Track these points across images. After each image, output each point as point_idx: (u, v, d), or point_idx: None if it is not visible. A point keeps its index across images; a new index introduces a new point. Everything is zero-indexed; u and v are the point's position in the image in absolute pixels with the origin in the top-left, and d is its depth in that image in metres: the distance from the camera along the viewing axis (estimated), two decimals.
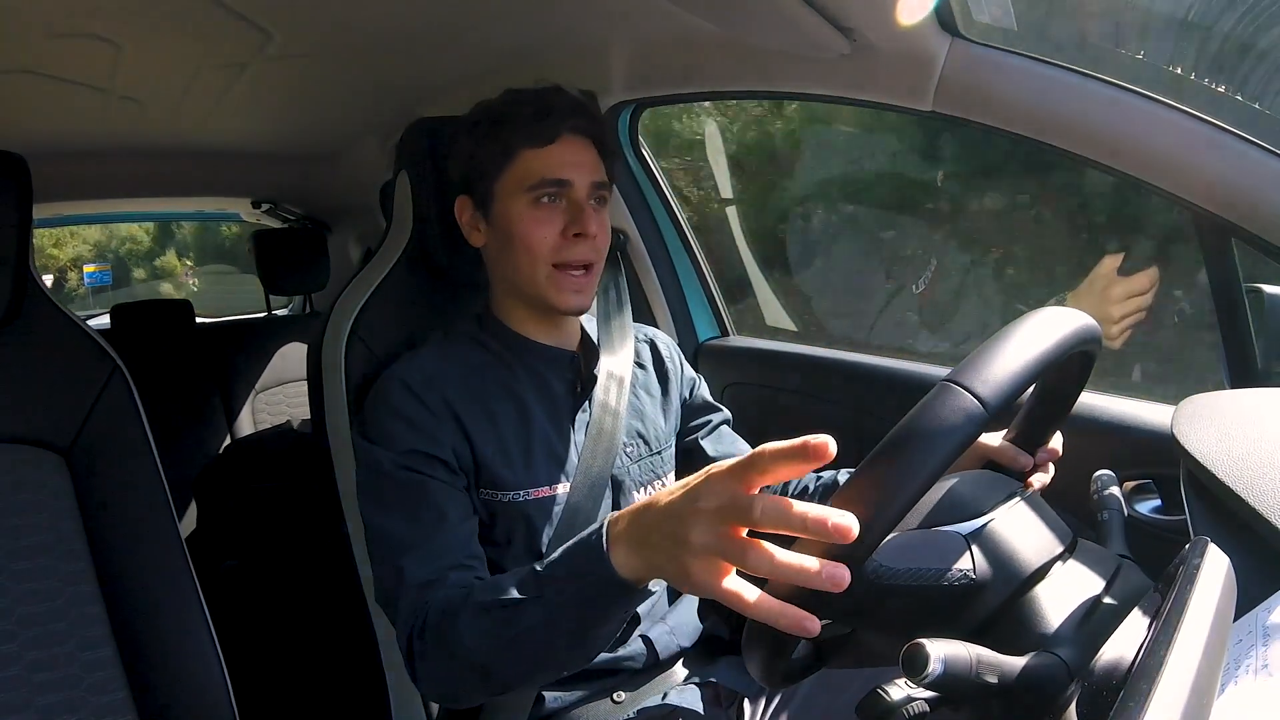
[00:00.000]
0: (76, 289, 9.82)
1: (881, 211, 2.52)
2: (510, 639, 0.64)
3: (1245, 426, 0.60)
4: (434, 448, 0.83)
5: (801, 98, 1.11)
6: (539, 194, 0.86)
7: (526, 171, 0.86)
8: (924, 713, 0.50)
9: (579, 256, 0.87)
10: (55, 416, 0.90)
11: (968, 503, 0.58)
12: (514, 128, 0.86)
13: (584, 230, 0.86)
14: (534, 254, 0.86)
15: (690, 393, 1.07)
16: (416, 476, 0.82)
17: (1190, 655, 0.37)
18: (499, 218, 0.89)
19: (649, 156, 1.46)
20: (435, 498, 0.81)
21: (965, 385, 0.49)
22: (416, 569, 0.76)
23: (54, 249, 11.39)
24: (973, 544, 0.55)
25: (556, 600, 0.61)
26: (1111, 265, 1.18)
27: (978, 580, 0.54)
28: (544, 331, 0.93)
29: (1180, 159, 0.80)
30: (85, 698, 0.85)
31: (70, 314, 0.94)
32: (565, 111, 0.87)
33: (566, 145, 0.87)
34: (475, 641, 0.66)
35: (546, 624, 0.62)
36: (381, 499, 0.82)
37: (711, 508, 0.48)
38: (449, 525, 0.80)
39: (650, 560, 0.54)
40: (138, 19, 1.05)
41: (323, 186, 2.30)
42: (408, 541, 0.79)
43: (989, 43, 0.89)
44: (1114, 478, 0.67)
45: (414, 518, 0.80)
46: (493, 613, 0.65)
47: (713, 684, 0.92)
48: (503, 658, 0.65)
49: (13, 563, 0.84)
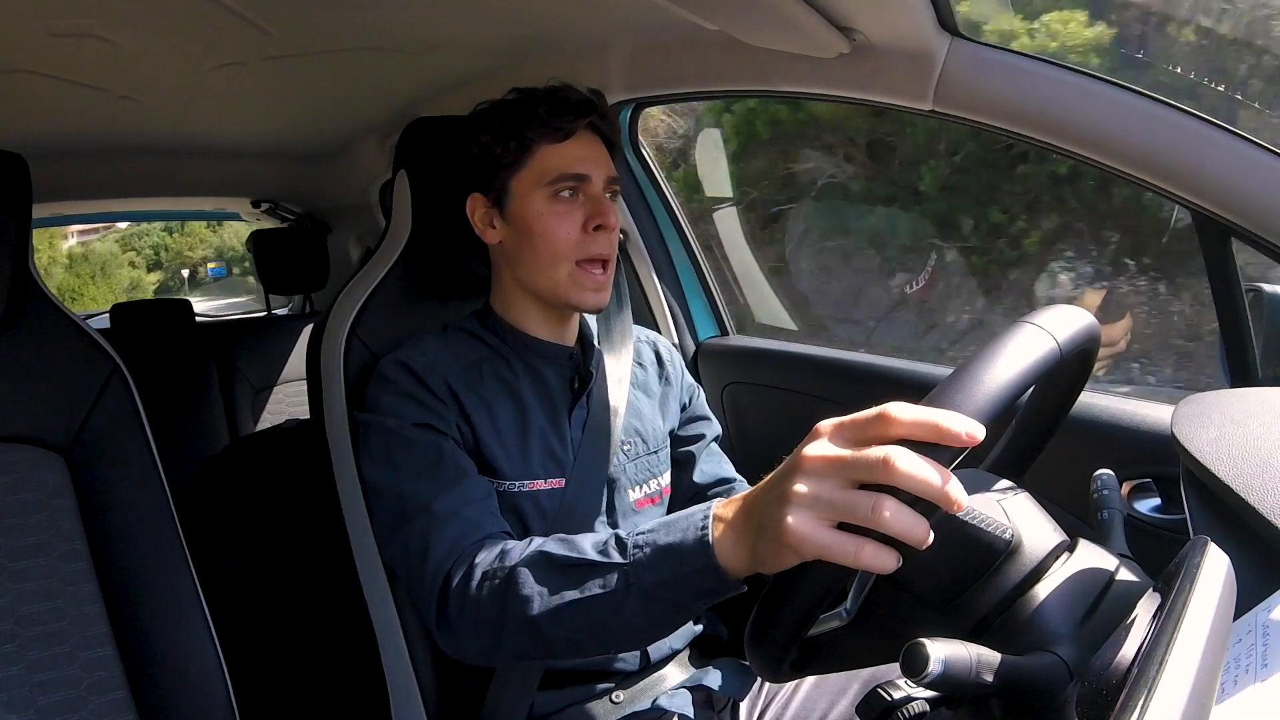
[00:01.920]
0: (204, 279, 15.10)
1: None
2: (575, 603, 0.60)
3: (1245, 426, 0.60)
4: (441, 424, 0.82)
5: (801, 98, 1.11)
6: (558, 188, 0.87)
7: (546, 167, 0.87)
8: (924, 713, 0.50)
9: (600, 249, 0.87)
10: (55, 416, 0.90)
11: (989, 477, 0.58)
12: (530, 124, 0.87)
13: (605, 222, 0.86)
14: (556, 250, 0.86)
15: (690, 399, 1.08)
16: (430, 436, 0.80)
17: (1190, 655, 0.37)
18: (516, 214, 0.89)
19: (649, 156, 1.46)
20: (453, 457, 0.79)
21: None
22: (448, 508, 0.72)
23: (189, 251, 16.49)
24: (1006, 508, 0.55)
25: (642, 576, 0.58)
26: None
27: (1013, 541, 0.53)
28: (545, 328, 0.93)
29: (1180, 159, 0.80)
30: (85, 698, 0.85)
31: (70, 314, 0.94)
32: (581, 107, 0.87)
33: (583, 141, 0.88)
34: (534, 596, 0.62)
35: (621, 598, 0.58)
36: (391, 460, 0.79)
37: (827, 457, 0.46)
38: (471, 479, 0.78)
39: (753, 544, 0.51)
40: (138, 19, 1.05)
41: (323, 186, 2.30)
42: (430, 491, 0.75)
43: (989, 43, 0.89)
44: (1114, 478, 0.67)
45: (433, 474, 0.77)
46: (564, 571, 0.61)
47: (705, 688, 0.92)
48: (560, 623, 0.61)
49: (13, 563, 0.84)
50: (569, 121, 0.86)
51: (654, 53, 1.20)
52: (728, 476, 1.04)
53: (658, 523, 0.59)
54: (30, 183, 0.89)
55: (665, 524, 0.58)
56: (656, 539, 0.58)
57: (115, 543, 0.89)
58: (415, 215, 1.03)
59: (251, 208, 2.67)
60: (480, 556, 0.68)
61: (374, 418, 0.83)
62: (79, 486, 0.89)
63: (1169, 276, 2.61)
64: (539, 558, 0.64)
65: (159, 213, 3.08)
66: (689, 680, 0.92)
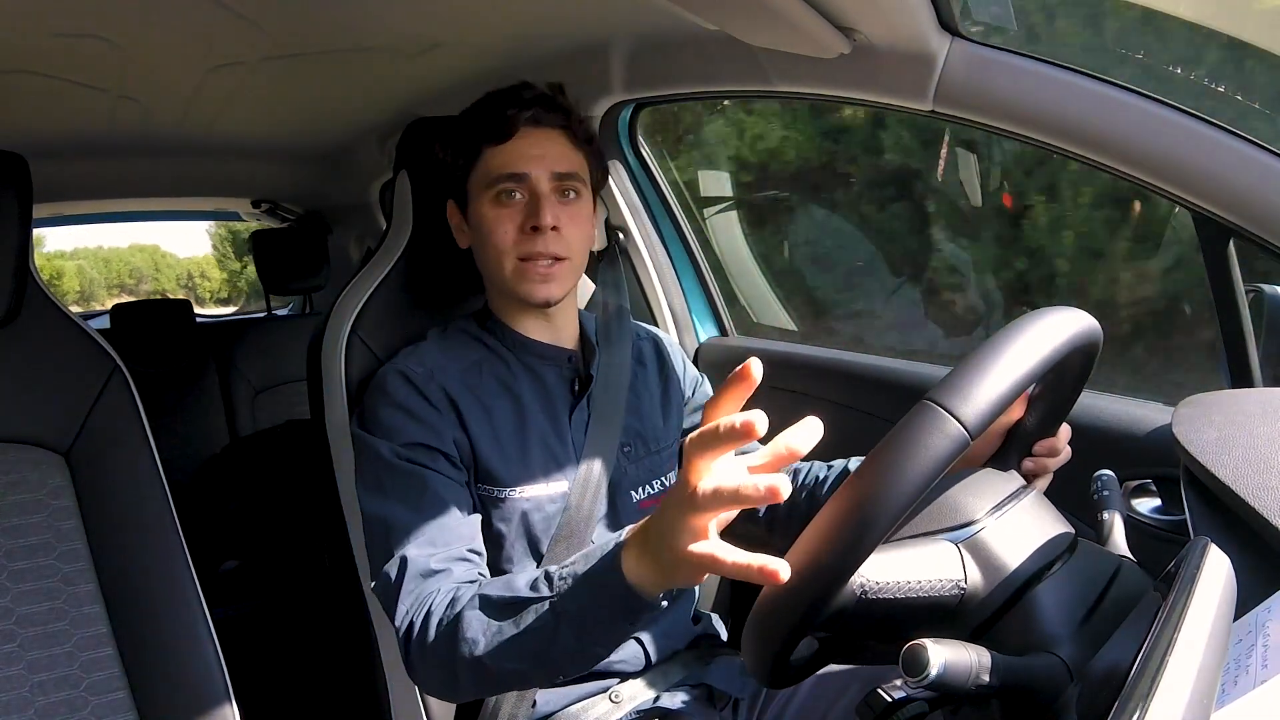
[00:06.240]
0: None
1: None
2: (514, 638, 0.64)
3: (1245, 426, 0.60)
4: (435, 440, 0.83)
5: (801, 98, 1.11)
6: (498, 190, 0.87)
7: (488, 169, 0.88)
8: (923, 713, 0.50)
9: (539, 250, 0.86)
10: (55, 416, 0.90)
11: (963, 507, 0.57)
12: (475, 127, 0.88)
13: (539, 223, 0.85)
14: (499, 250, 0.87)
15: (693, 392, 1.07)
16: (418, 468, 0.81)
17: (1190, 655, 0.37)
18: (472, 218, 0.90)
19: (649, 156, 1.46)
20: (437, 489, 0.81)
21: (944, 405, 0.48)
22: (419, 557, 0.76)
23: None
24: (965, 551, 0.55)
25: (566, 605, 0.62)
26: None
27: (968, 590, 0.54)
28: (542, 329, 0.93)
29: (1180, 159, 0.80)
30: (85, 698, 0.85)
31: (70, 314, 0.94)
32: (522, 104, 0.87)
33: (526, 138, 0.88)
34: (477, 635, 0.66)
35: (553, 628, 0.63)
36: (381, 488, 0.82)
37: (684, 478, 0.51)
38: (452, 516, 0.80)
39: (656, 561, 0.56)
40: (138, 19, 1.05)
41: (323, 186, 2.30)
42: (410, 529, 0.78)
43: (989, 43, 0.89)
44: (1114, 478, 0.67)
45: (415, 507, 0.79)
46: (501, 609, 0.66)
47: (707, 685, 0.92)
48: (504, 656, 0.65)
49: (13, 563, 0.85)
50: (509, 120, 0.87)
51: (654, 53, 1.20)
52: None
53: (579, 555, 0.64)
54: (30, 183, 0.89)
55: (586, 555, 0.63)
56: (577, 570, 0.63)
57: (115, 543, 0.89)
58: (416, 216, 1.03)
59: (251, 208, 2.67)
60: (435, 603, 0.72)
61: (368, 439, 0.84)
62: (79, 486, 0.89)
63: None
64: (480, 601, 0.68)
65: (159, 213, 3.07)
66: (690, 678, 0.92)
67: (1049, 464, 0.73)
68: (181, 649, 0.89)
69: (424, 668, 0.72)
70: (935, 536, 0.56)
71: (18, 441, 0.88)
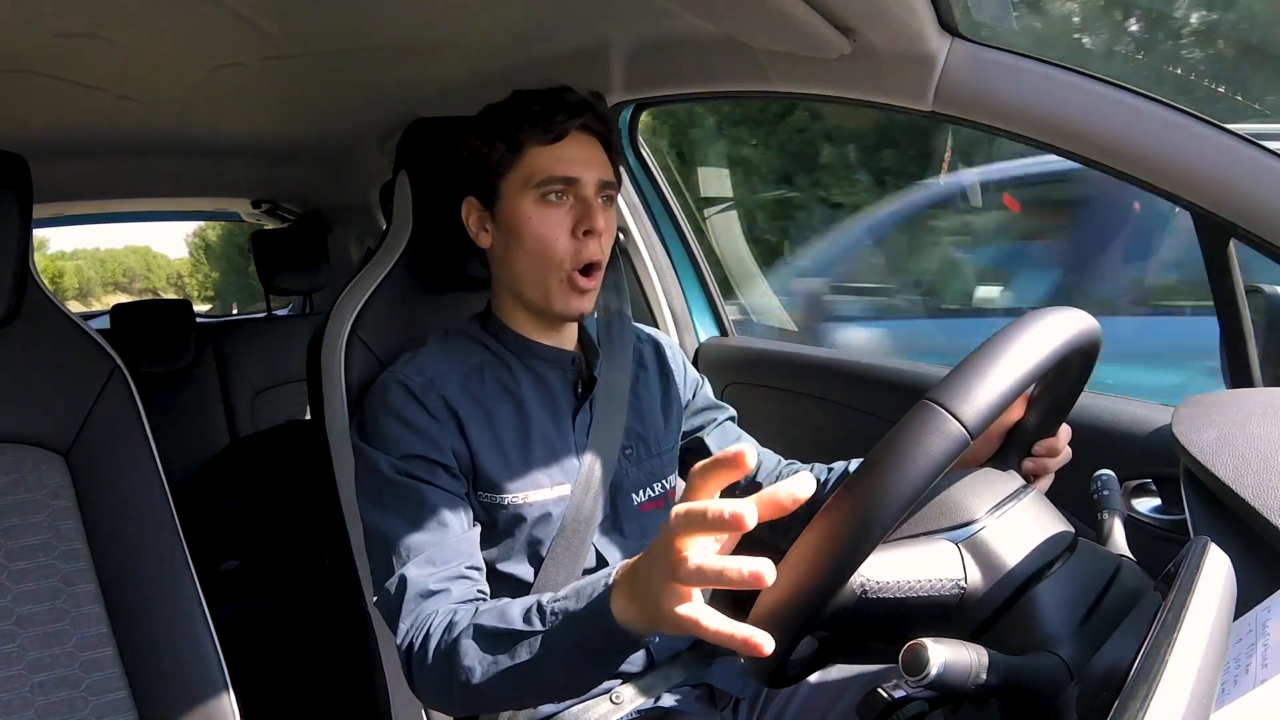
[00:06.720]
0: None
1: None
2: (508, 669, 0.66)
3: (1245, 426, 0.61)
4: (434, 452, 0.82)
5: (801, 98, 1.11)
6: (546, 190, 0.86)
7: (534, 168, 0.86)
8: (923, 712, 0.50)
9: (591, 255, 0.86)
10: (55, 416, 0.90)
11: (963, 507, 0.57)
12: (521, 124, 0.86)
13: (593, 226, 0.85)
14: (545, 254, 0.86)
15: (694, 394, 1.07)
16: (416, 482, 0.81)
17: (1190, 655, 0.37)
18: (505, 217, 0.88)
19: (648, 156, 1.46)
20: (435, 504, 0.81)
21: (945, 405, 0.49)
22: (418, 577, 0.77)
23: None
24: (965, 551, 0.55)
25: (558, 640, 0.63)
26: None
27: (968, 590, 0.54)
28: (544, 332, 0.93)
29: (1180, 159, 0.80)
30: (85, 698, 0.85)
31: (70, 314, 0.94)
32: (573, 109, 0.86)
33: (574, 142, 0.87)
34: (473, 664, 0.67)
35: (546, 661, 0.64)
36: (380, 501, 0.82)
37: (669, 537, 0.50)
38: (450, 533, 0.80)
39: (643, 609, 0.56)
40: (138, 19, 1.05)
41: (323, 186, 2.30)
42: (409, 547, 0.78)
43: (989, 43, 0.89)
44: (1114, 478, 0.67)
45: (414, 523, 0.79)
46: (494, 640, 0.67)
47: (708, 685, 0.92)
48: (499, 684, 0.67)
49: (13, 563, 0.85)
50: (561, 122, 0.85)
51: (654, 53, 1.20)
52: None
53: (571, 589, 0.65)
54: (30, 183, 0.89)
55: (576, 591, 0.64)
56: (568, 607, 0.63)
57: (115, 543, 0.89)
58: (416, 216, 1.03)
59: (252, 208, 2.67)
60: (434, 625, 0.73)
61: (367, 451, 0.84)
62: (79, 486, 0.89)
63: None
64: (475, 631, 0.69)
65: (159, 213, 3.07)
66: (691, 678, 0.92)
67: (1049, 464, 0.73)
68: (181, 649, 0.89)
69: (424, 686, 0.74)
70: (935, 536, 0.56)
71: (17, 441, 0.88)
